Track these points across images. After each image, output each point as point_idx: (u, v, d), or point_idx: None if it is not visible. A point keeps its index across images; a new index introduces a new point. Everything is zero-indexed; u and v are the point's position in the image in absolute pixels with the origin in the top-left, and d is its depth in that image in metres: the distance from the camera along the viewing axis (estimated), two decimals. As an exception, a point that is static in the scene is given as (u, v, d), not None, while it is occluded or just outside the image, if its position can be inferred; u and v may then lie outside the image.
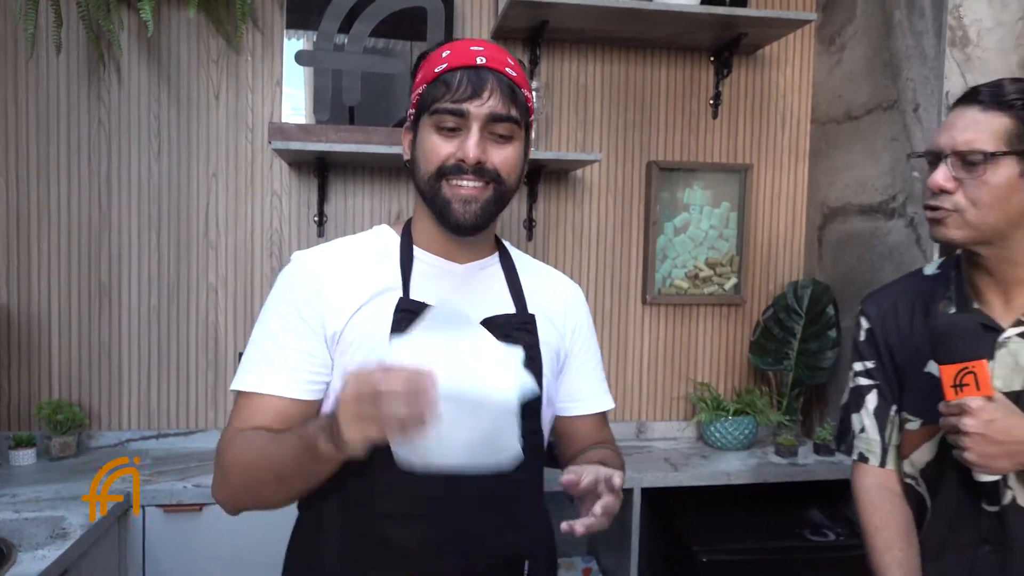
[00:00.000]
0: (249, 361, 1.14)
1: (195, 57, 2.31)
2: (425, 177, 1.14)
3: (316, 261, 1.18)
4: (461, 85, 1.09)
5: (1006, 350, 1.19)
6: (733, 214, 2.60)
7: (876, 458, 1.35)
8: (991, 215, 1.15)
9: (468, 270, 1.22)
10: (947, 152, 1.18)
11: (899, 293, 1.38)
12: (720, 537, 2.11)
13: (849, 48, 2.43)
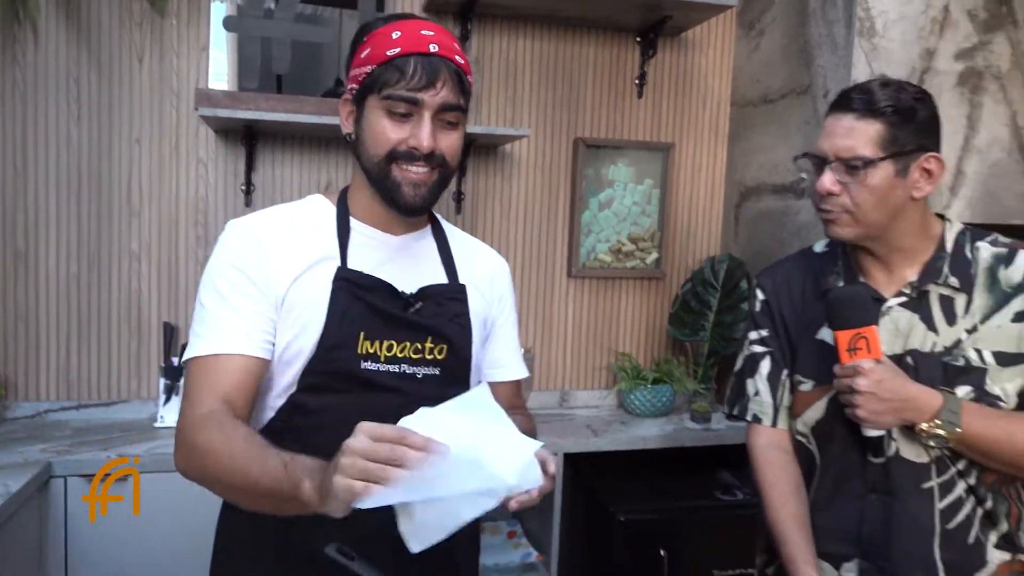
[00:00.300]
0: (203, 327, 1.13)
1: (117, 19, 2.24)
2: (374, 159, 1.16)
3: (257, 226, 1.19)
4: (416, 74, 1.11)
5: (888, 318, 1.31)
6: (655, 191, 2.70)
7: (769, 419, 1.45)
8: (874, 214, 1.27)
9: (403, 241, 1.25)
10: (831, 158, 1.27)
11: (792, 268, 1.48)
12: (637, 498, 2.22)
13: (767, 34, 2.54)
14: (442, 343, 1.21)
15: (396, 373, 1.17)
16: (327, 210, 1.24)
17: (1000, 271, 1.30)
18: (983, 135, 2.19)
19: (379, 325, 1.17)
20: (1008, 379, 1.26)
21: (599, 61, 2.61)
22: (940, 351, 1.29)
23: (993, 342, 1.27)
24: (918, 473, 1.29)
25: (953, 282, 1.30)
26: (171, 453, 1.10)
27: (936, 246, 1.32)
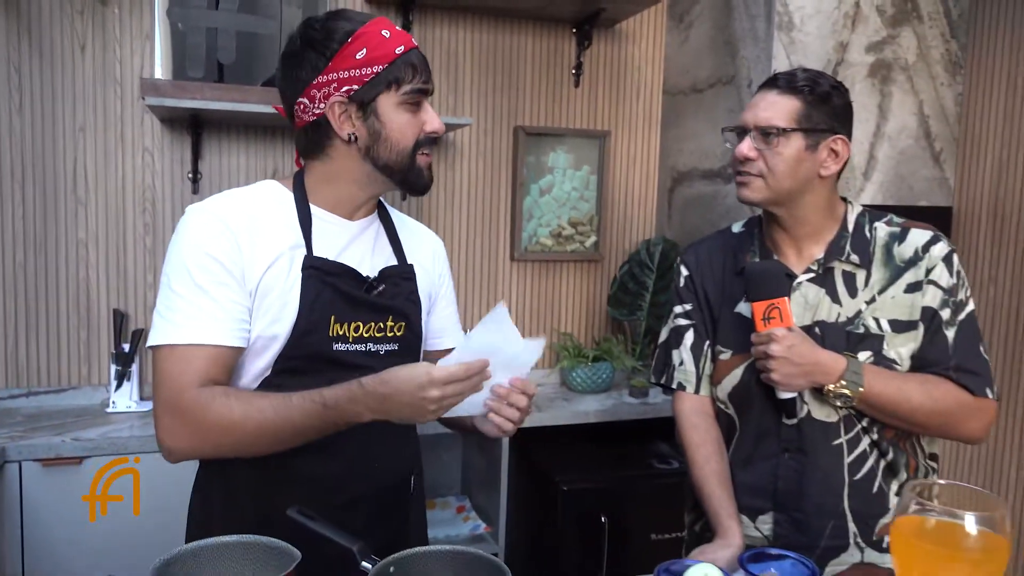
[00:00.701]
0: (178, 314, 1.15)
1: (58, 7, 2.26)
2: (401, 152, 1.22)
3: (225, 213, 1.19)
4: (421, 68, 1.22)
5: (799, 292, 1.43)
6: (593, 177, 2.82)
7: (692, 386, 1.56)
8: (785, 181, 1.38)
9: (359, 226, 1.30)
10: (750, 127, 1.38)
11: (712, 246, 1.59)
12: (579, 469, 2.34)
13: (695, 27, 2.67)
14: (401, 320, 1.30)
15: (363, 352, 1.25)
16: (285, 197, 1.26)
17: (894, 248, 1.41)
18: (892, 123, 2.36)
19: (346, 308, 1.24)
20: (902, 344, 1.38)
21: (537, 52, 2.72)
22: (844, 321, 1.40)
23: (889, 311, 1.39)
24: (827, 431, 1.41)
25: (854, 259, 1.41)
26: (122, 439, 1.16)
27: (839, 226, 1.44)
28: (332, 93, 1.20)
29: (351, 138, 1.22)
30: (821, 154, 1.37)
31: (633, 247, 2.88)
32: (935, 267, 1.39)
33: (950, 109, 2.44)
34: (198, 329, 1.15)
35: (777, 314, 1.32)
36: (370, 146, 1.22)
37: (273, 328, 1.19)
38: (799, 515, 1.42)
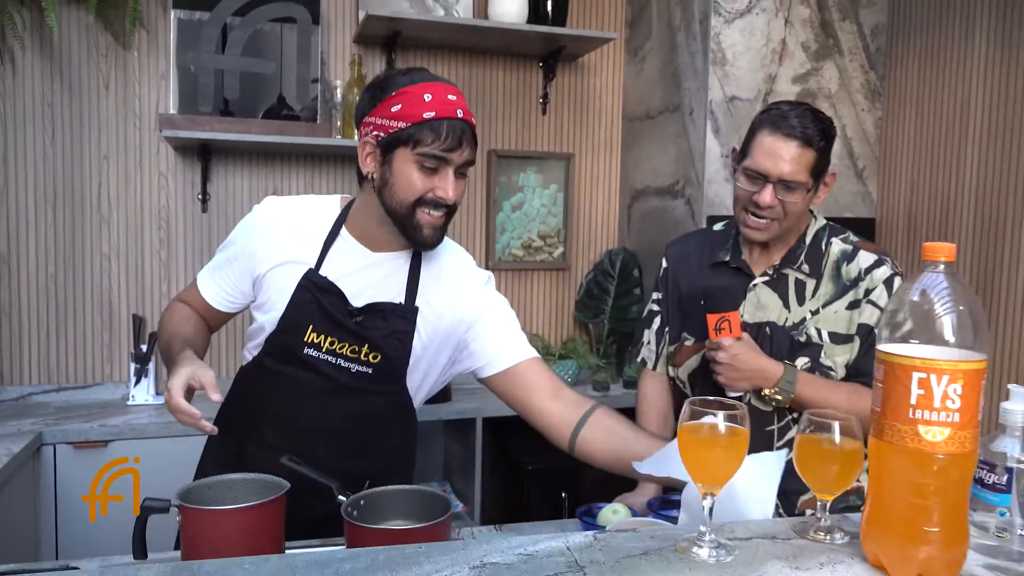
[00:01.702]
0: (208, 266, 1.53)
1: (86, 51, 2.59)
2: (402, 203, 1.33)
3: (273, 213, 1.45)
4: (448, 137, 1.29)
5: (753, 292, 1.58)
6: (560, 194, 3.14)
7: (651, 364, 1.80)
8: (794, 221, 1.52)
9: (379, 258, 1.42)
10: (774, 177, 1.46)
11: (694, 242, 1.75)
12: (544, 452, 2.61)
13: (647, 60, 3.00)
14: (376, 351, 1.41)
15: (332, 363, 1.41)
16: (332, 214, 1.45)
17: (843, 266, 1.54)
18: (817, 144, 2.68)
19: (326, 323, 1.39)
20: (838, 354, 1.52)
21: (508, 84, 3.05)
22: (790, 326, 1.54)
23: (830, 324, 1.52)
24: (762, 419, 1.54)
25: (805, 268, 1.55)
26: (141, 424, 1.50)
27: (799, 238, 1.57)
28: (368, 133, 1.35)
29: (370, 176, 1.36)
30: (819, 192, 1.54)
31: (597, 257, 3.20)
32: (875, 288, 1.51)
33: (870, 132, 2.76)
34: (203, 282, 1.52)
35: (727, 326, 1.48)
36: (381, 188, 1.35)
37: (265, 316, 1.44)
38: None
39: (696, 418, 0.96)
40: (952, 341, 0.87)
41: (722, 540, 0.97)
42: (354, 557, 0.91)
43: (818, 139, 1.47)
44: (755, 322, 1.56)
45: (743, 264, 1.61)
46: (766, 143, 1.48)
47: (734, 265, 1.62)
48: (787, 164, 1.45)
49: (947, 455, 0.86)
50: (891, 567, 0.90)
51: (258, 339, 1.48)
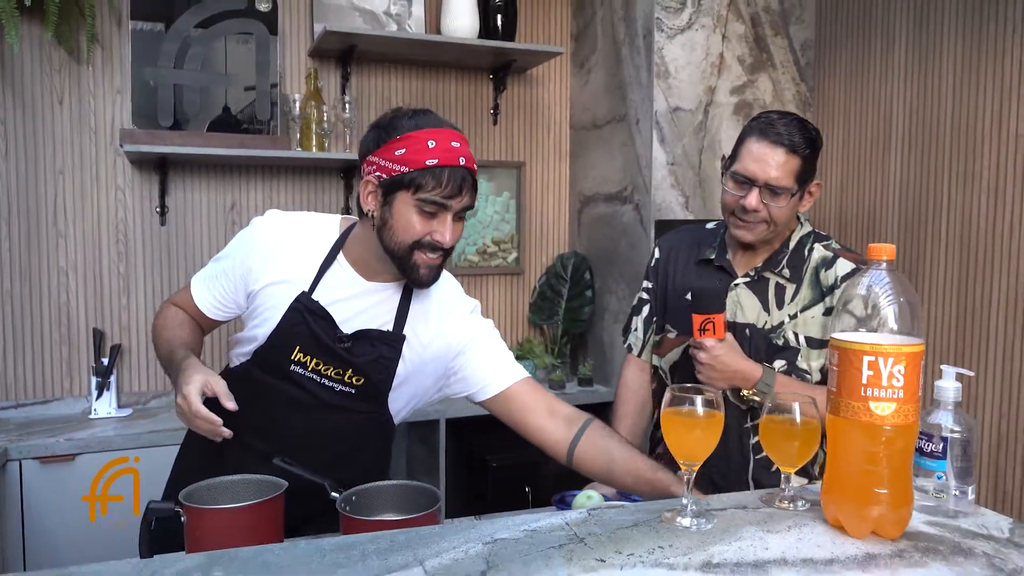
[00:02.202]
0: (203, 272, 1.57)
1: (39, 66, 2.59)
2: (400, 245, 1.38)
3: (273, 230, 1.49)
4: (449, 184, 1.33)
5: (734, 293, 1.63)
6: (512, 201, 3.25)
7: (637, 351, 1.86)
8: (782, 225, 1.57)
9: (373, 287, 1.47)
10: (760, 182, 1.52)
11: (685, 238, 1.78)
12: (506, 449, 2.74)
13: (593, 72, 3.14)
14: (360, 376, 1.46)
15: (316, 382, 1.47)
16: (331, 238, 1.49)
17: (822, 272, 1.59)
18: (754, 151, 2.85)
19: (313, 346, 1.44)
20: (815, 359, 1.58)
21: (459, 95, 3.15)
22: (768, 329, 1.60)
23: (807, 329, 1.58)
24: (739, 417, 1.61)
25: (786, 273, 1.60)
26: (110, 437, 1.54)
27: (783, 243, 1.63)
28: (371, 173, 1.38)
29: (370, 215, 1.40)
30: (805, 200, 1.60)
31: (549, 261, 3.32)
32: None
33: (802, 139, 2.95)
34: (197, 289, 1.56)
35: (711, 327, 1.51)
36: (380, 228, 1.39)
37: (257, 331, 1.49)
38: (712, 474, 1.62)
39: (677, 403, 1.08)
40: (895, 328, 1.01)
41: (701, 510, 1.09)
42: (375, 539, 1.00)
43: (803, 147, 1.52)
44: (734, 322, 1.63)
45: (727, 263, 1.67)
46: (754, 149, 1.54)
47: (718, 264, 1.68)
48: (773, 169, 1.51)
49: (893, 427, 1.00)
50: (849, 526, 1.03)
51: (247, 347, 1.53)
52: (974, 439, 1.12)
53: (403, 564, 0.93)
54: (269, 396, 1.51)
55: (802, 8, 2.92)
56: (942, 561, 0.96)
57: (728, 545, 1.00)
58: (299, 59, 2.88)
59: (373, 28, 2.86)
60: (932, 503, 1.12)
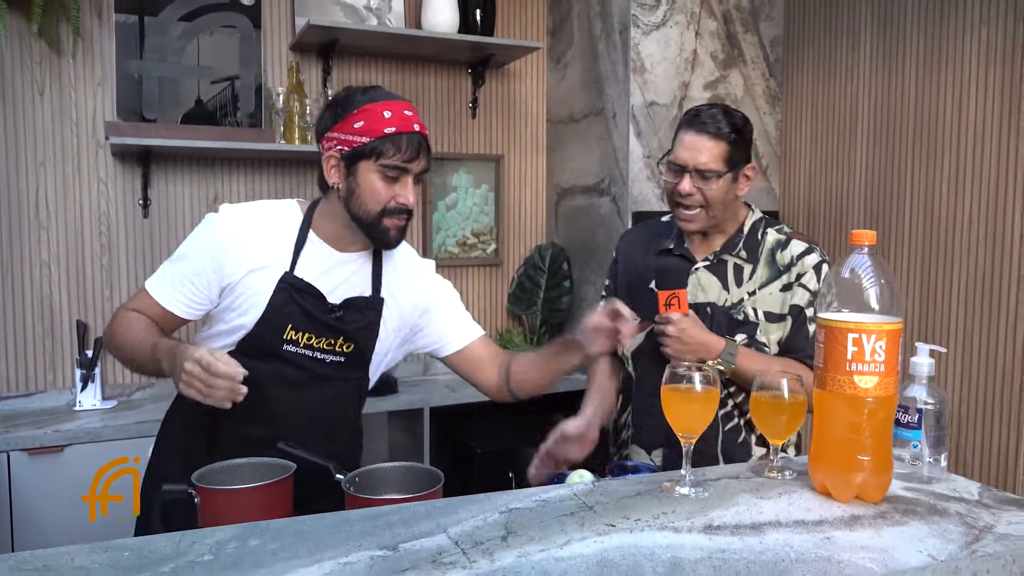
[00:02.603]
0: (162, 273, 1.53)
1: (18, 58, 2.58)
2: (370, 212, 1.47)
3: (236, 222, 1.51)
4: (408, 149, 1.43)
5: (695, 276, 1.72)
6: (491, 194, 3.31)
7: None
8: (718, 210, 1.65)
9: (346, 258, 1.56)
10: (690, 167, 1.63)
11: (643, 232, 1.88)
12: (489, 436, 2.81)
13: (570, 67, 3.21)
14: (350, 342, 1.55)
15: (308, 356, 1.53)
16: (295, 219, 1.55)
17: (778, 253, 1.69)
18: (727, 144, 2.95)
19: (304, 321, 1.51)
20: (773, 332, 1.67)
21: (439, 89, 3.20)
22: (729, 306, 1.68)
23: (765, 304, 1.67)
24: None
25: (743, 255, 1.69)
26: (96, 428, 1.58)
27: (737, 228, 1.72)
28: (331, 148, 1.48)
29: (335, 187, 1.49)
30: (740, 182, 1.68)
31: (527, 252, 3.39)
32: (806, 273, 1.66)
33: (772, 133, 3.06)
34: (161, 289, 1.53)
35: (676, 302, 1.61)
36: (347, 199, 1.48)
37: (242, 319, 1.51)
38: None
39: (676, 380, 1.15)
40: (876, 308, 1.10)
41: (698, 480, 1.17)
42: (398, 510, 1.06)
43: (727, 131, 1.62)
44: (696, 302, 1.71)
45: (686, 251, 1.76)
46: (684, 139, 1.66)
47: (678, 252, 1.78)
48: (701, 155, 1.62)
49: (875, 398, 1.08)
50: (835, 491, 1.12)
51: (227, 339, 1.54)
52: (946, 411, 1.21)
53: (428, 531, 0.99)
54: (259, 380, 1.52)
55: (771, 6, 3.02)
56: (920, 520, 1.05)
57: (726, 510, 1.08)
58: (280, 52, 2.91)
59: (354, 22, 2.90)
60: (908, 470, 1.21)
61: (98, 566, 0.89)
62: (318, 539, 0.97)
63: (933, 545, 0.97)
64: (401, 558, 0.91)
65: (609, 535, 0.99)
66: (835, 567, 0.91)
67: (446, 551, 0.93)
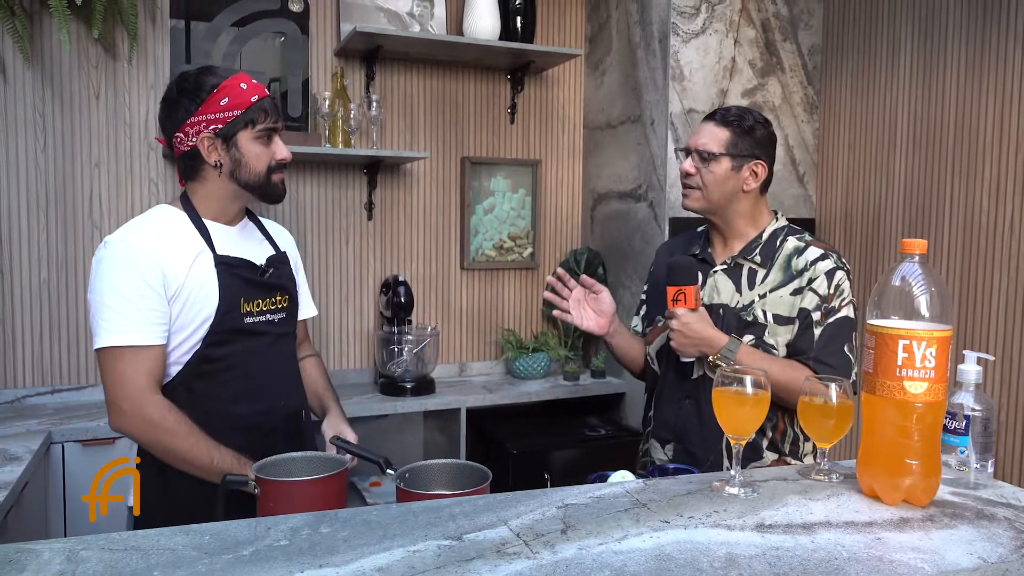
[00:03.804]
0: (121, 322, 1.49)
1: (76, 62, 2.67)
2: (258, 174, 1.60)
3: (142, 240, 1.53)
4: (272, 111, 1.60)
5: (712, 279, 1.79)
6: (528, 198, 3.35)
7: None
8: (715, 193, 1.73)
9: (239, 228, 1.69)
10: (692, 149, 1.75)
11: (679, 240, 1.98)
12: (525, 437, 2.85)
13: (608, 74, 3.25)
14: (285, 295, 1.72)
15: (264, 321, 1.66)
16: (180, 215, 1.62)
17: (794, 259, 1.73)
18: (764, 152, 2.97)
19: (250, 290, 1.63)
20: (781, 335, 1.71)
21: (479, 95, 3.25)
22: (739, 307, 1.74)
23: (774, 307, 1.71)
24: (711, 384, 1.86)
25: (757, 259, 1.75)
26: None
27: (757, 233, 1.78)
28: (202, 130, 1.56)
29: (217, 164, 1.59)
30: (744, 174, 1.73)
31: (563, 255, 3.43)
32: (817, 278, 1.69)
33: (809, 141, 3.07)
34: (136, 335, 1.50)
35: (683, 298, 1.67)
36: (233, 170, 1.59)
37: (203, 312, 1.57)
38: (689, 446, 1.80)
39: (727, 382, 1.19)
40: (927, 315, 1.12)
41: (747, 480, 1.20)
42: (459, 503, 1.10)
43: (733, 120, 1.73)
44: (711, 303, 1.78)
45: (708, 256, 1.84)
46: (695, 129, 1.81)
47: (701, 257, 1.85)
48: (702, 137, 1.75)
49: (924, 403, 1.11)
50: (883, 493, 1.15)
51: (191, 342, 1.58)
52: (993, 418, 1.24)
53: (490, 523, 1.03)
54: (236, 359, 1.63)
55: (810, 15, 3.03)
56: (969, 524, 1.07)
57: (776, 510, 1.11)
58: (326, 58, 2.97)
59: (398, 29, 2.95)
60: (955, 476, 1.24)
61: (183, 547, 0.94)
62: (385, 528, 1.01)
63: (983, 548, 0.99)
64: (467, 548, 0.95)
65: (664, 531, 1.02)
66: (887, 566, 0.93)
67: (509, 542, 0.97)
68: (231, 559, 0.91)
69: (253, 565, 0.90)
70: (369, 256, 3.12)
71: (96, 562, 0.90)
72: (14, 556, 0.91)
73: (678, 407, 1.85)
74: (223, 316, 1.58)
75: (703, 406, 1.79)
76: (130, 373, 1.51)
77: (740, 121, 1.73)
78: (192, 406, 1.58)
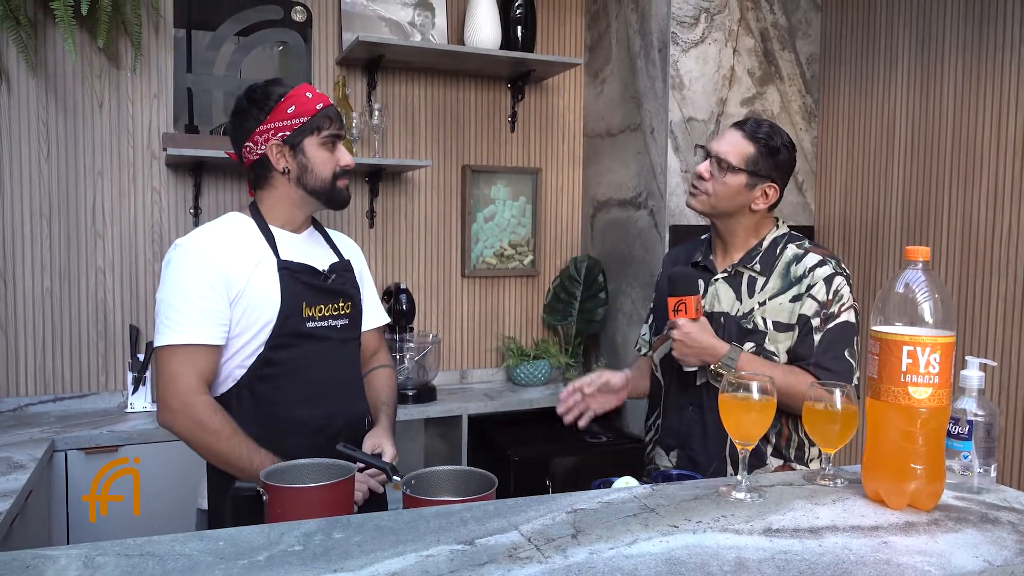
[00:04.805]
0: (182, 320, 1.55)
1: (80, 71, 2.68)
2: (324, 180, 1.66)
3: (208, 242, 1.60)
4: (336, 119, 1.67)
5: (714, 287, 1.79)
6: (528, 206, 3.37)
7: (644, 350, 2.04)
8: (721, 204, 1.74)
9: (305, 236, 1.74)
10: (712, 153, 1.73)
11: (683, 250, 1.99)
12: (526, 444, 2.86)
13: (608, 83, 3.27)
14: (348, 301, 1.74)
15: (325, 326, 1.69)
16: (248, 222, 1.68)
17: (792, 266, 1.74)
18: (763, 160, 2.99)
19: (312, 295, 1.66)
20: (781, 341, 1.71)
21: (479, 103, 3.27)
22: (740, 315, 1.74)
23: (774, 314, 1.72)
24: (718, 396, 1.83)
25: (757, 267, 1.75)
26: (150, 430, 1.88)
27: (758, 242, 1.79)
28: (270, 138, 1.63)
29: (285, 171, 1.65)
30: (755, 193, 1.73)
31: (563, 264, 3.44)
32: (815, 284, 1.70)
33: (808, 149, 3.10)
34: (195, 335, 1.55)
35: (684, 308, 1.68)
36: (300, 176, 1.65)
37: (265, 315, 1.61)
38: (693, 453, 1.81)
39: (734, 388, 1.20)
40: (930, 322, 1.14)
41: (753, 486, 1.21)
42: (470, 508, 1.11)
43: (761, 138, 1.71)
44: (712, 311, 1.78)
45: (710, 263, 1.85)
46: (722, 132, 1.78)
47: (703, 264, 1.86)
48: (725, 144, 1.73)
49: (929, 409, 1.13)
50: (888, 498, 1.16)
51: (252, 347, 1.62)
52: (996, 423, 1.25)
53: (501, 528, 1.04)
54: (300, 363, 1.65)
55: (808, 24, 3.06)
56: (973, 528, 1.09)
57: (783, 515, 1.12)
58: (328, 67, 2.99)
59: (400, 38, 2.97)
60: (958, 480, 1.25)
61: (198, 552, 0.95)
62: (397, 533, 1.02)
63: (988, 551, 1.00)
64: (479, 552, 0.96)
65: (673, 535, 1.03)
66: (895, 569, 0.95)
67: (520, 547, 0.98)
68: (247, 564, 0.92)
69: (269, 570, 0.90)
70: (371, 264, 3.12)
71: (113, 567, 0.91)
72: (31, 562, 0.92)
73: (682, 415, 1.86)
74: (285, 319, 1.61)
75: (706, 413, 1.80)
76: (183, 372, 1.55)
77: (768, 140, 1.71)
78: (256, 409, 1.62)
